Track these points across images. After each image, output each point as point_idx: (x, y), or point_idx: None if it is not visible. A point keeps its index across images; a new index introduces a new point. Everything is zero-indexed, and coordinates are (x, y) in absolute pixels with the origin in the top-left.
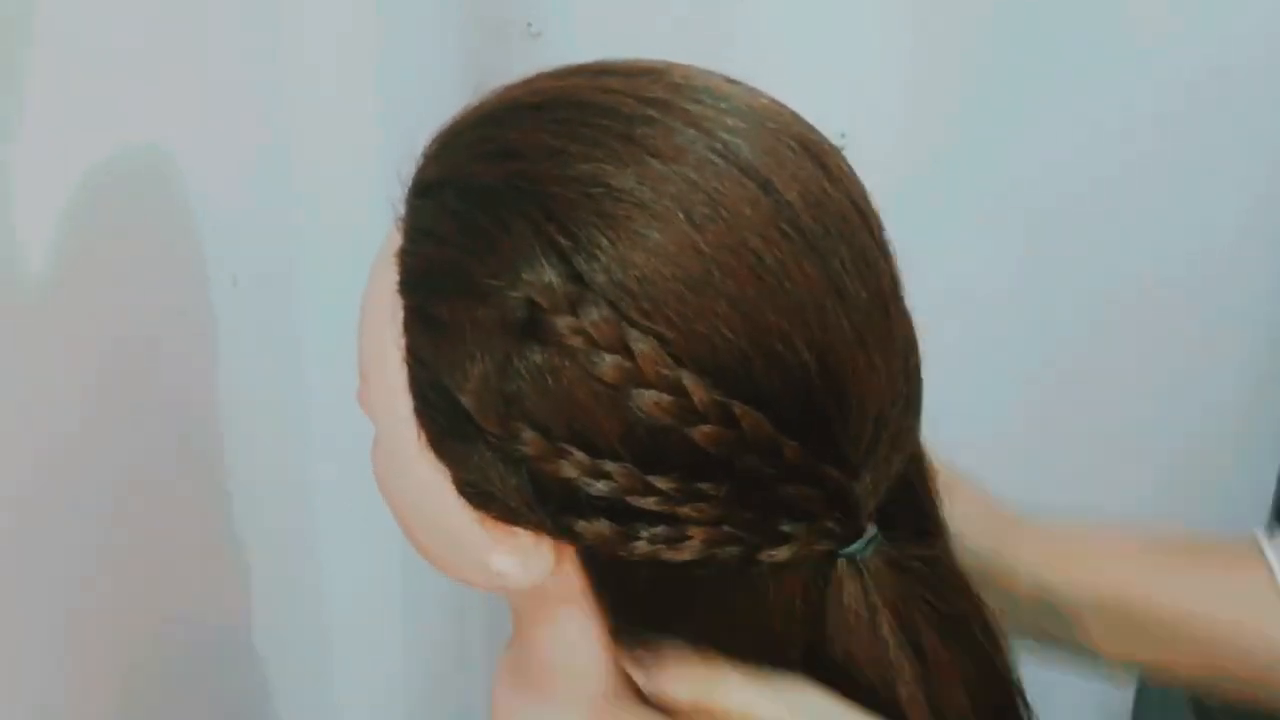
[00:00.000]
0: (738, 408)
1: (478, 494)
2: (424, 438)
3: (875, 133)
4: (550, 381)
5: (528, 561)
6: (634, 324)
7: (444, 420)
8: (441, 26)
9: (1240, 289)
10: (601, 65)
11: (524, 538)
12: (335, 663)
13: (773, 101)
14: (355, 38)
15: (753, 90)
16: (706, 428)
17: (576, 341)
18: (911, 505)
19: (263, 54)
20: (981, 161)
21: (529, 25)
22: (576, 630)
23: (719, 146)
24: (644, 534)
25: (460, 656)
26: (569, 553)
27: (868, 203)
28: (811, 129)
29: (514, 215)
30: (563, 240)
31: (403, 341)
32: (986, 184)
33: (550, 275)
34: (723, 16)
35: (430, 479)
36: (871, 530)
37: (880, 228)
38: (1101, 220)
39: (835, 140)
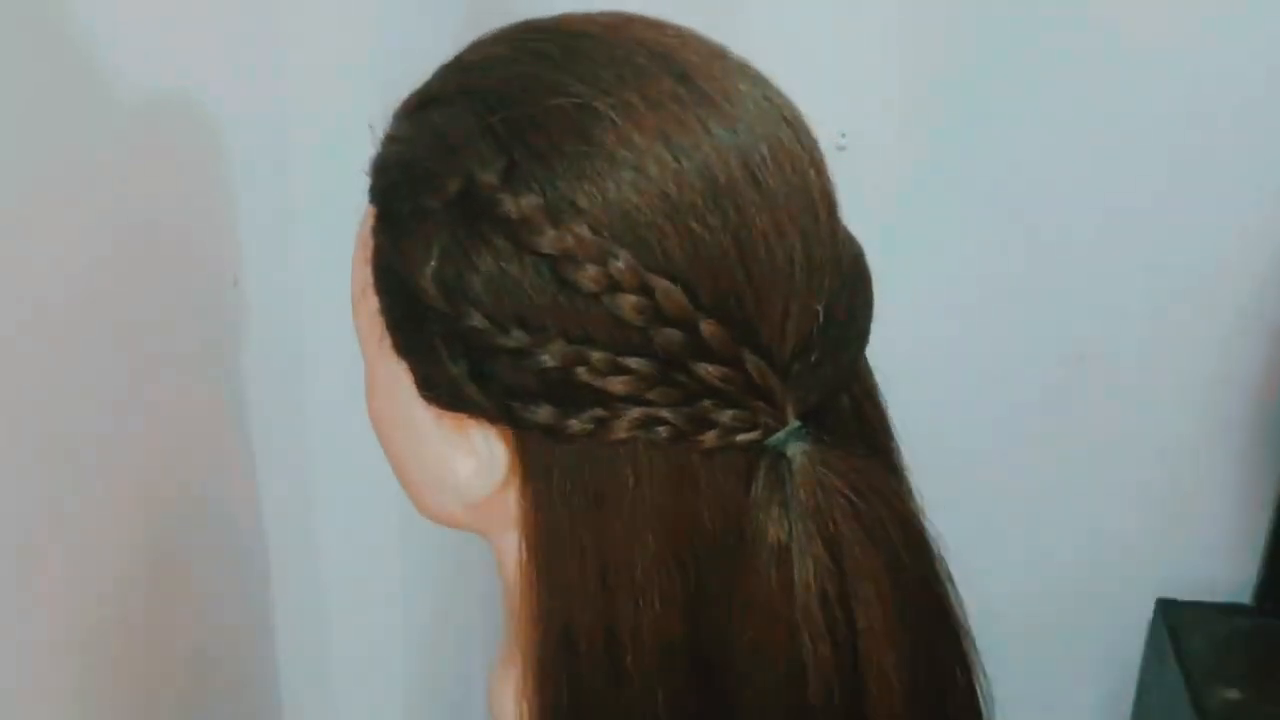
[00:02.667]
0: (654, 280)
1: (432, 387)
2: (389, 340)
3: (875, 134)
4: (491, 259)
5: (482, 465)
6: (571, 207)
7: (402, 311)
8: (441, 27)
9: (1241, 288)
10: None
11: (476, 437)
12: (335, 653)
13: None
14: (354, 39)
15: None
16: (629, 298)
17: (516, 219)
18: (857, 424)
19: (264, 56)
20: (980, 163)
21: None
22: None
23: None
24: (581, 414)
25: (459, 644)
26: (517, 469)
27: (796, 116)
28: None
29: (460, 113)
30: (501, 130)
31: (371, 245)
32: (985, 185)
33: (489, 160)
34: (723, 19)
35: (398, 385)
36: (795, 423)
37: (805, 130)
38: (1101, 220)
39: (835, 141)
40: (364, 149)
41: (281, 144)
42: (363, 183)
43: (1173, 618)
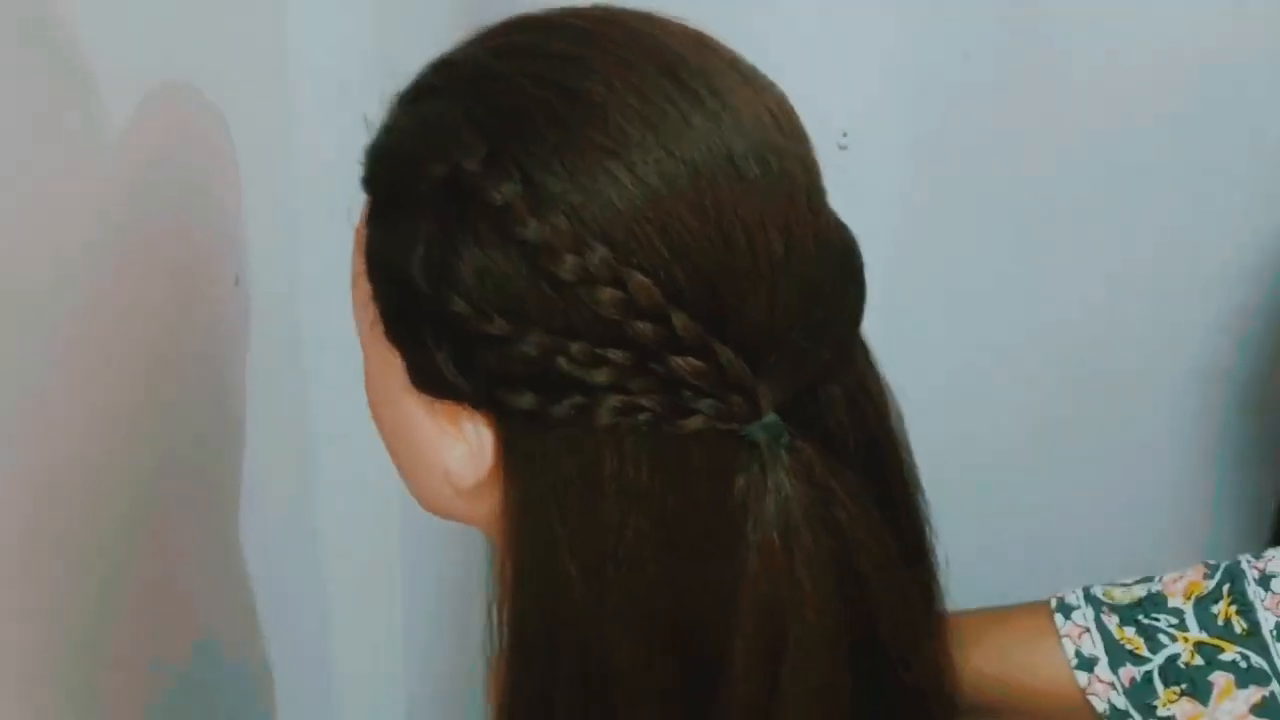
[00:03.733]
0: (628, 273)
1: (421, 374)
2: (381, 327)
3: (875, 134)
4: (476, 247)
5: (471, 452)
6: (551, 197)
7: (392, 298)
8: (441, 27)
9: (1242, 289)
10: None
11: (465, 425)
12: (335, 653)
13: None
14: (355, 39)
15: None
16: (605, 290)
17: (499, 206)
18: (849, 415)
19: (265, 55)
20: (980, 163)
21: None
22: None
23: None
24: (563, 401)
25: (460, 644)
26: (502, 455)
27: (783, 108)
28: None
29: (448, 103)
30: (486, 119)
31: (364, 233)
32: (985, 185)
33: (476, 148)
34: (725, 19)
35: (390, 372)
36: (770, 416)
37: (793, 123)
38: (1102, 220)
39: (836, 141)
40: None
41: (284, 143)
42: None
43: None
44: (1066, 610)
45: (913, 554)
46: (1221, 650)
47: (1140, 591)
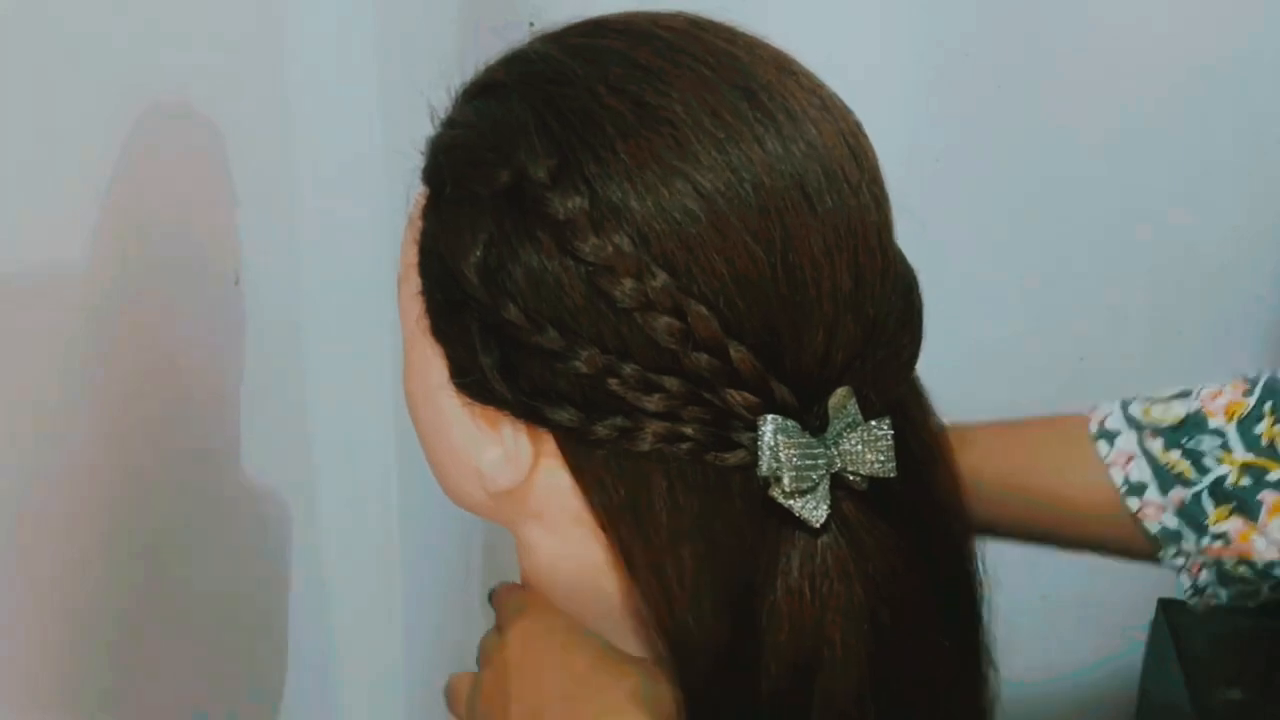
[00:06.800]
0: (689, 304)
1: (462, 375)
2: (426, 322)
3: (874, 135)
4: (535, 256)
5: (507, 457)
6: (616, 215)
7: (441, 295)
8: (441, 27)
9: (1242, 290)
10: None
11: (505, 430)
12: (335, 651)
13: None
14: (355, 39)
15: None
16: (662, 319)
17: (561, 220)
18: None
19: (264, 55)
20: (981, 164)
21: (530, 24)
22: (575, 549)
23: (721, 63)
24: (605, 423)
25: (461, 644)
26: (547, 450)
27: (859, 140)
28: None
29: (518, 103)
30: (556, 126)
31: (419, 225)
32: (986, 186)
33: (541, 155)
34: (725, 19)
35: (430, 368)
36: None
37: (868, 156)
38: (1103, 221)
39: None
40: (366, 148)
41: (283, 143)
42: (365, 182)
43: (1174, 617)
44: (1109, 437)
45: (956, 608)
46: (1268, 470)
47: (1180, 410)
